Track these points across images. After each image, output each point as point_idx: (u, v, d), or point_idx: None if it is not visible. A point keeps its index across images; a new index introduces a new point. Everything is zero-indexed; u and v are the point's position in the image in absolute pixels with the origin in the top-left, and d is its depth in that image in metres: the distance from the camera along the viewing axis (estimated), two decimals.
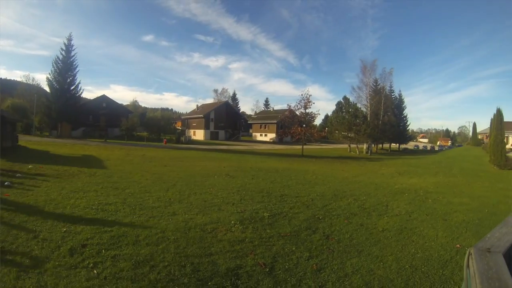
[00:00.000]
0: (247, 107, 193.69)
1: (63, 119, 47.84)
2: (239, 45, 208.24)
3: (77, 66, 50.51)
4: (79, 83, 51.07)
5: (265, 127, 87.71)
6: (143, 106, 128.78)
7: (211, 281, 4.41)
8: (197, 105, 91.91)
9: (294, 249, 5.92)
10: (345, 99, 60.46)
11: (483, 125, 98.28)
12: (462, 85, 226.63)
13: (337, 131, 57.46)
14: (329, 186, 14.40)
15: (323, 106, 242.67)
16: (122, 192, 10.12)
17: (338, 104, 63.46)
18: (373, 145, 57.54)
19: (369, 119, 54.40)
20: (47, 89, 52.46)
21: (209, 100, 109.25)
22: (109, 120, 58.89)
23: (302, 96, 43.52)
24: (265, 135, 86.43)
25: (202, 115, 76.54)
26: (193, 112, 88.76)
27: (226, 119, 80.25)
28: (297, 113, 46.07)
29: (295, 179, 16.14)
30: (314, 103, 76.38)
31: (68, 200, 8.47)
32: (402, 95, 70.09)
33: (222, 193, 11.01)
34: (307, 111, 44.62)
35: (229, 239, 6.18)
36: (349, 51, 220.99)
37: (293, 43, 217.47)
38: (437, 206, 11.04)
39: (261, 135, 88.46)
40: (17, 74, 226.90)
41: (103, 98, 63.30)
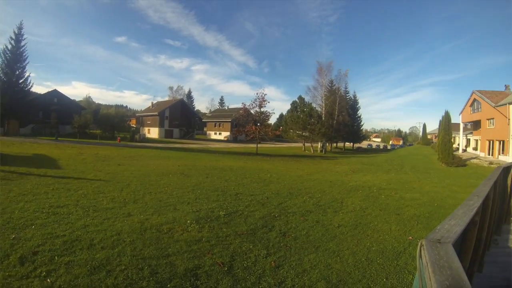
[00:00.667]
0: (202, 105, 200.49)
1: (10, 114, 43.70)
2: (204, 50, 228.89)
3: (27, 58, 45.68)
4: (28, 76, 46.69)
5: (219, 126, 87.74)
6: (97, 102, 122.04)
7: (170, 283, 4.31)
8: (152, 102, 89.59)
9: (251, 247, 5.93)
10: (300, 98, 61.51)
11: (431, 126, 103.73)
12: (403, 92, 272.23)
13: (291, 130, 58.53)
14: (284, 184, 14.60)
15: (278, 106, 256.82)
16: (74, 193, 9.57)
17: (293, 104, 64.35)
18: (327, 144, 59.29)
19: (323, 118, 56.14)
20: None
21: (167, 99, 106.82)
22: (60, 116, 55.10)
23: (257, 95, 44.02)
24: (220, 133, 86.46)
25: (157, 113, 75.12)
26: (148, 110, 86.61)
27: (181, 117, 79.23)
28: (252, 111, 46.20)
29: (249, 177, 16.24)
30: (269, 102, 76.63)
31: (16, 204, 7.81)
32: (357, 96, 73.08)
33: (177, 192, 10.84)
34: (262, 110, 45.15)
35: (186, 239, 6.07)
36: (305, 59, 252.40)
37: (254, 50, 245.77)
38: (390, 201, 11.58)
39: (215, 133, 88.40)
40: None
41: (54, 93, 59.04)
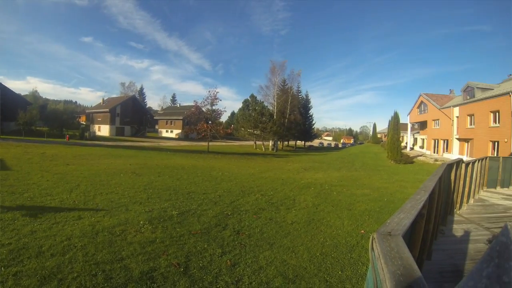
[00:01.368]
0: (154, 103, 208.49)
1: None
2: (165, 53, 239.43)
3: None
4: None
5: (171, 123, 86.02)
6: (44, 97, 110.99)
7: None
8: (103, 99, 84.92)
9: (206, 246, 5.90)
10: (252, 97, 61.84)
11: (382, 125, 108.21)
12: (348, 94, 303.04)
13: (243, 128, 59.09)
14: (236, 182, 14.67)
15: (230, 105, 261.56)
16: (20, 196, 8.88)
17: (245, 102, 64.45)
18: (279, 142, 60.23)
19: (275, 117, 57.00)
20: None
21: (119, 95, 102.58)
22: (3, 112, 49.83)
23: (210, 93, 43.93)
24: (171, 131, 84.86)
25: (108, 110, 71.99)
26: (98, 106, 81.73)
27: (132, 114, 76.77)
28: (204, 109, 45.97)
29: (201, 176, 16.16)
30: (220, 100, 76.60)
31: None
32: (309, 95, 74.64)
33: (129, 192, 10.55)
34: (214, 108, 45.17)
35: (139, 240, 5.93)
36: (258, 64, 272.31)
37: (210, 55, 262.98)
38: (341, 197, 12.01)
39: (167, 131, 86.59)
40: None
41: None
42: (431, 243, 4.90)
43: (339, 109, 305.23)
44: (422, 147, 52.05)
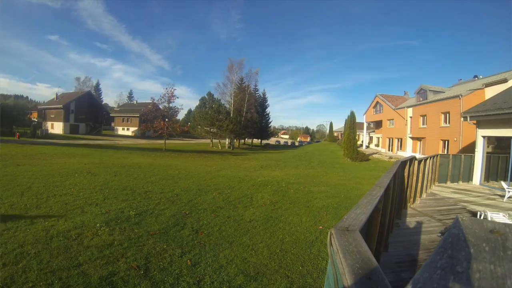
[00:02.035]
0: (110, 99, 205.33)
1: None
2: (128, 54, 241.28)
3: None
4: None
5: (127, 121, 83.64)
6: None
7: None
8: (56, 94, 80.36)
9: (165, 247, 5.83)
10: (209, 95, 61.89)
11: (338, 124, 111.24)
12: (300, 95, 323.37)
13: (199, 126, 58.75)
14: (193, 180, 14.55)
15: (187, 103, 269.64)
16: None
17: (202, 100, 64.19)
18: (235, 140, 60.42)
19: (232, 115, 57.08)
20: None
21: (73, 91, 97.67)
22: None
23: (167, 90, 43.29)
24: (128, 129, 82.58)
25: (61, 106, 68.62)
26: (51, 102, 77.42)
27: (87, 111, 73.71)
28: (161, 107, 45.16)
29: (158, 174, 15.87)
30: (178, 97, 75.94)
31: None
32: (266, 94, 75.18)
33: (84, 193, 10.11)
34: (171, 105, 44.68)
35: (96, 244, 5.72)
36: (216, 65, 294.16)
37: (170, 57, 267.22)
38: (299, 195, 12.26)
39: (123, 129, 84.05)
40: None
41: None
42: (387, 236, 5.15)
43: (293, 108, 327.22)
44: (377, 145, 54.42)
